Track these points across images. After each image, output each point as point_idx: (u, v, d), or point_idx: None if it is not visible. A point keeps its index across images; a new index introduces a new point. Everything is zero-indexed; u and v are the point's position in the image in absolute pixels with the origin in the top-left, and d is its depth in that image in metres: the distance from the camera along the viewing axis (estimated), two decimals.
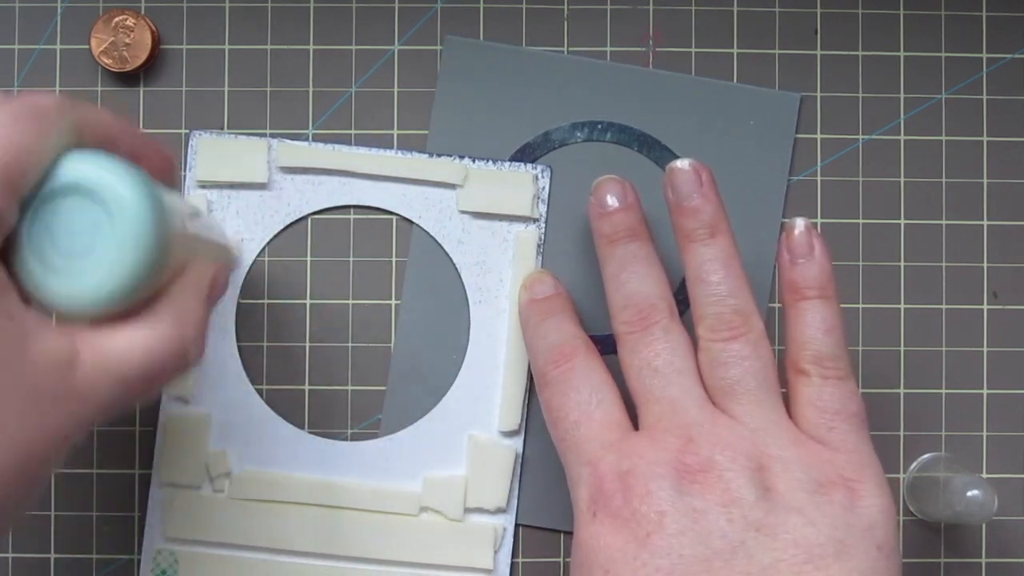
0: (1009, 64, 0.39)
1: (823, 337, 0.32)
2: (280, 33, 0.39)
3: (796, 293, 0.33)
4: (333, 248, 0.39)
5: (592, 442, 0.32)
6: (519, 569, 0.38)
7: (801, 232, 0.33)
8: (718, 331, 0.32)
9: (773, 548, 0.29)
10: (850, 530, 0.29)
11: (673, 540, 0.29)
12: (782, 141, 0.39)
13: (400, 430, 0.38)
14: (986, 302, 0.39)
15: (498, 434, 0.38)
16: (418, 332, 0.39)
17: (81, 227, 0.26)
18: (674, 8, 0.39)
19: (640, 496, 0.30)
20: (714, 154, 0.39)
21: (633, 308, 0.33)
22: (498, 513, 0.38)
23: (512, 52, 0.39)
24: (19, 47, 0.39)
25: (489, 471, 0.38)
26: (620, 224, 0.34)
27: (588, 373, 0.33)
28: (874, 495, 0.30)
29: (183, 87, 0.39)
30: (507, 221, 0.39)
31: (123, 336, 0.27)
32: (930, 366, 0.39)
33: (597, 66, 0.39)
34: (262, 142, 0.38)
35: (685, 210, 0.33)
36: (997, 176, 0.39)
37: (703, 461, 0.30)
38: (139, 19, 0.38)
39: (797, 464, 0.30)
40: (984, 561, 0.39)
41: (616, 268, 0.34)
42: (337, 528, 0.38)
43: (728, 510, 0.29)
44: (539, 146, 0.39)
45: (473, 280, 0.39)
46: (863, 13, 0.39)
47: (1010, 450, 0.39)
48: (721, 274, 0.33)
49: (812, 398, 0.32)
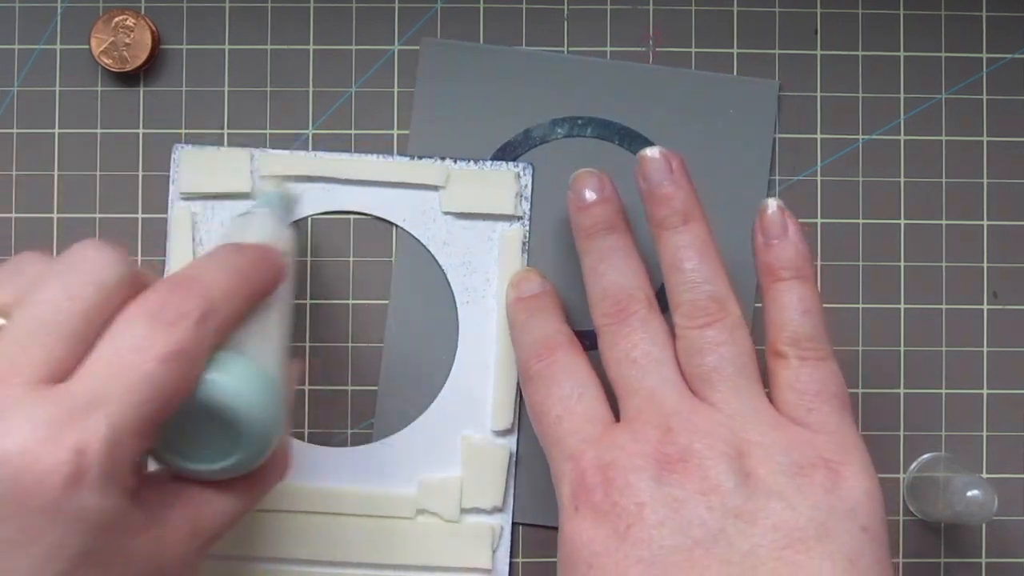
0: (1009, 64, 0.39)
1: (800, 318, 0.32)
2: (280, 33, 0.39)
3: (772, 275, 0.33)
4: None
5: (574, 436, 0.32)
6: (519, 568, 0.38)
7: (774, 212, 0.33)
8: (694, 318, 0.32)
9: (753, 534, 0.29)
10: (832, 512, 0.29)
11: (653, 531, 0.29)
12: (763, 129, 0.39)
13: (393, 434, 0.38)
14: (986, 302, 0.39)
15: (491, 434, 0.38)
16: (407, 335, 0.39)
17: (211, 436, 0.27)
18: (674, 8, 0.39)
19: (620, 489, 0.30)
20: (695, 144, 0.39)
21: (611, 300, 0.33)
22: (495, 513, 0.38)
23: (489, 51, 0.39)
24: (19, 47, 0.39)
25: (484, 471, 0.38)
26: (598, 217, 0.34)
27: (570, 368, 0.33)
28: (857, 476, 0.30)
29: (183, 87, 0.39)
30: (491, 220, 0.39)
31: (216, 503, 0.29)
32: (930, 366, 0.39)
33: (575, 61, 0.39)
34: (244, 152, 0.38)
35: (657, 198, 0.33)
36: (997, 176, 0.39)
37: (682, 451, 0.30)
38: (139, 19, 0.38)
39: (776, 448, 0.30)
40: (984, 561, 0.39)
41: (594, 260, 0.34)
42: (335, 534, 0.38)
43: (708, 498, 0.29)
44: (520, 144, 0.39)
45: (460, 281, 0.39)
46: (863, 13, 0.39)
47: (1010, 450, 0.39)
48: (695, 261, 0.32)
49: (791, 380, 0.31)
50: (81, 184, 0.39)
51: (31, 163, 0.39)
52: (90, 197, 0.39)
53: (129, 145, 0.39)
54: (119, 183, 0.39)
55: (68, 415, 0.24)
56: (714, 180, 0.38)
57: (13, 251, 0.39)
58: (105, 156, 0.39)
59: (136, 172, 0.39)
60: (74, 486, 0.24)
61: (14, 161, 0.39)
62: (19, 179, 0.39)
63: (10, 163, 0.39)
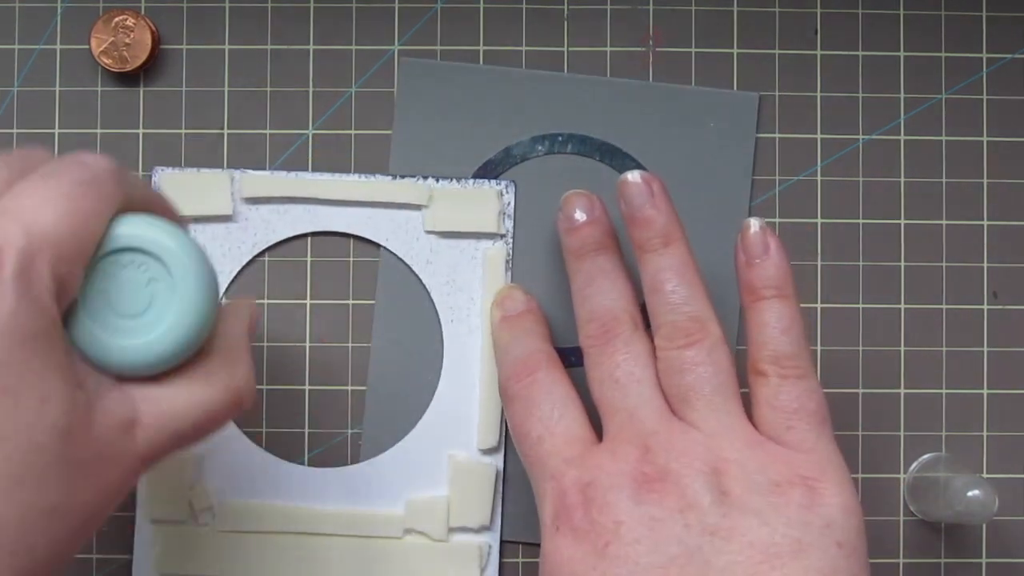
0: (1009, 64, 0.39)
1: (780, 336, 0.32)
2: (280, 33, 0.39)
3: (753, 294, 0.33)
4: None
5: (555, 457, 0.32)
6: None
7: (756, 232, 0.33)
8: (674, 339, 0.32)
9: (728, 551, 0.29)
10: (808, 528, 0.29)
11: (630, 549, 0.29)
12: (743, 141, 0.39)
13: (380, 453, 0.38)
14: (986, 302, 0.39)
15: (478, 452, 0.38)
16: (392, 355, 0.38)
17: (139, 288, 0.27)
18: (674, 8, 0.39)
19: (599, 507, 0.30)
20: (676, 158, 0.39)
21: (597, 322, 0.34)
22: (482, 531, 0.38)
23: (468, 70, 0.39)
24: (19, 47, 0.39)
25: (471, 490, 0.38)
26: (588, 238, 0.35)
27: (550, 388, 0.34)
28: (834, 493, 0.30)
29: (183, 87, 0.39)
30: (474, 239, 0.38)
31: (182, 394, 0.28)
32: (930, 366, 0.39)
33: (554, 78, 0.39)
34: (224, 174, 0.38)
35: (638, 221, 0.34)
36: (997, 176, 0.39)
37: (659, 470, 0.30)
38: (139, 19, 0.38)
39: (753, 466, 0.30)
40: (984, 561, 0.39)
41: (583, 282, 0.34)
42: (323, 555, 0.38)
43: (684, 516, 0.29)
44: (501, 162, 0.39)
45: (444, 300, 0.38)
46: (863, 13, 0.39)
47: (1010, 450, 0.39)
48: (675, 282, 0.33)
49: (769, 398, 0.32)
50: None
51: None
52: None
53: (129, 145, 0.39)
54: None
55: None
56: (695, 193, 0.39)
57: None
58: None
59: (136, 173, 0.39)
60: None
61: None
62: None
63: None
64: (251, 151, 0.39)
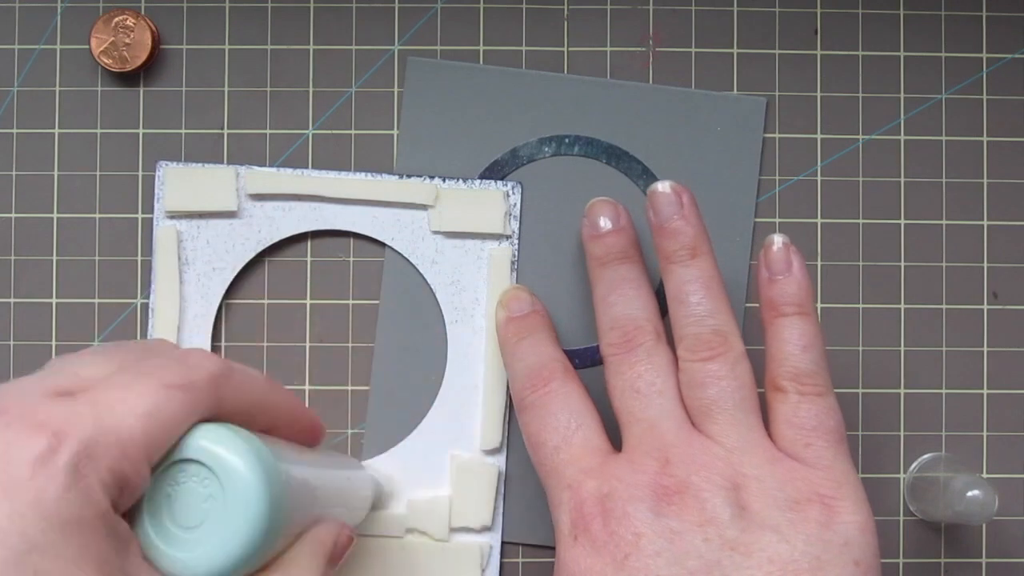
0: (1009, 64, 0.39)
1: (800, 354, 0.32)
2: (280, 33, 0.39)
3: (774, 310, 0.33)
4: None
5: (572, 467, 0.32)
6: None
7: (779, 249, 0.33)
8: (697, 351, 0.32)
9: (748, 566, 0.29)
10: (826, 546, 0.30)
11: (649, 561, 0.29)
12: (750, 146, 0.39)
13: (382, 452, 0.38)
14: (986, 302, 0.39)
15: (480, 452, 0.38)
16: (395, 354, 0.38)
17: (197, 499, 0.26)
18: (674, 8, 0.39)
19: (618, 519, 0.30)
20: (682, 162, 0.39)
21: (619, 330, 0.34)
22: (483, 531, 0.38)
23: (475, 70, 0.39)
24: (19, 47, 0.39)
25: (473, 490, 0.38)
26: (612, 246, 0.35)
27: (566, 397, 0.34)
28: (851, 512, 0.30)
29: (183, 87, 0.39)
30: (480, 239, 0.38)
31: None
32: (930, 366, 0.39)
33: (563, 80, 0.39)
34: (229, 170, 0.38)
35: (666, 232, 0.34)
36: (997, 176, 0.39)
37: (679, 483, 0.30)
38: (139, 19, 0.38)
39: (772, 482, 0.31)
40: (984, 561, 0.39)
41: (605, 290, 0.34)
42: None
43: (704, 530, 0.30)
44: (508, 163, 0.39)
45: (448, 300, 0.38)
46: (863, 13, 0.39)
47: (1010, 450, 0.39)
48: (701, 295, 0.33)
49: (789, 415, 0.32)
50: (81, 184, 0.39)
51: (31, 163, 0.39)
52: (90, 197, 0.39)
53: (129, 145, 0.39)
54: (119, 183, 0.39)
55: (61, 405, 0.24)
56: (701, 197, 0.38)
57: (13, 251, 0.39)
58: (105, 156, 0.39)
59: (136, 172, 0.39)
60: (39, 465, 0.23)
61: (14, 161, 0.39)
62: (19, 179, 0.39)
63: (10, 163, 0.39)
64: (251, 151, 0.39)
